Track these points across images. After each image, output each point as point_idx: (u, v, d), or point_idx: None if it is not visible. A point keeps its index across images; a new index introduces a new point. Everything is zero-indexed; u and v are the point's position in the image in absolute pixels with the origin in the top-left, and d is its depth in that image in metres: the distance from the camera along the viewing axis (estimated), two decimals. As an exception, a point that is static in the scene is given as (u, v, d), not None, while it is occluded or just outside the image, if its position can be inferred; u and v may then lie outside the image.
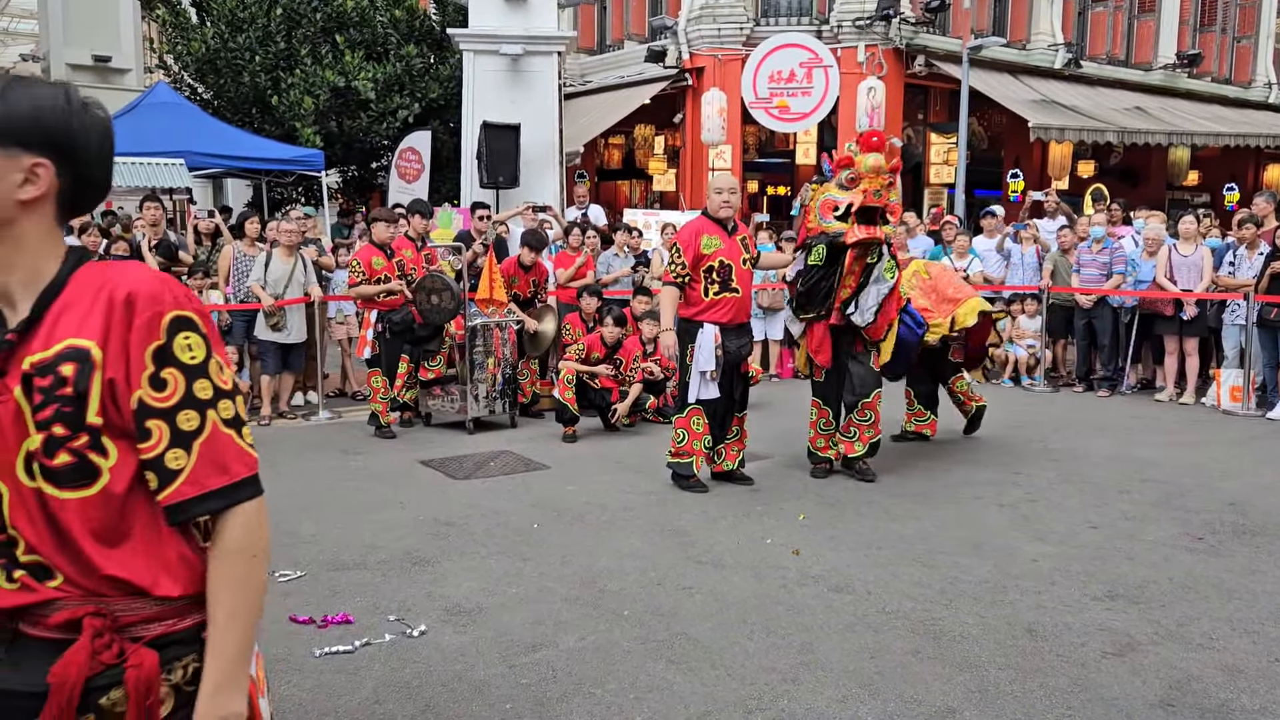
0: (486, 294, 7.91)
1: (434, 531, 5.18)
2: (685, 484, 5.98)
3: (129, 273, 1.38)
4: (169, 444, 1.34)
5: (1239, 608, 4.14)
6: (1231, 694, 3.37)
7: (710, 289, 5.85)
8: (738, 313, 5.92)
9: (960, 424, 7.54)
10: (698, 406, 5.89)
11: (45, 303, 1.36)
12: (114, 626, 1.34)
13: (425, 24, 15.94)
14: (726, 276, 5.84)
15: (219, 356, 1.41)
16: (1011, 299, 10.47)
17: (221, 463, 1.37)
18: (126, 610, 1.35)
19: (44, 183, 1.36)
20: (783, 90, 15.86)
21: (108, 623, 1.33)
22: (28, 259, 1.37)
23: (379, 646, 3.74)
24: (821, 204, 5.87)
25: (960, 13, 16.32)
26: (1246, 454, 7.10)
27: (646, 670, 3.54)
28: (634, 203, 19.07)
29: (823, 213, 5.84)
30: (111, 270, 1.39)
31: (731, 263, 5.84)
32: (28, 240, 1.37)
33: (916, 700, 3.31)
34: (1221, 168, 20.26)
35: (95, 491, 1.34)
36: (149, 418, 1.34)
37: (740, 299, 5.91)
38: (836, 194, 5.82)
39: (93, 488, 1.34)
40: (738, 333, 5.95)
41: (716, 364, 5.80)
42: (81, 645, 1.30)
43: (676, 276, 5.90)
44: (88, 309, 1.35)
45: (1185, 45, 19.94)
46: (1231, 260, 9.07)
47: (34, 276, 1.37)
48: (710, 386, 5.84)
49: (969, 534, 5.13)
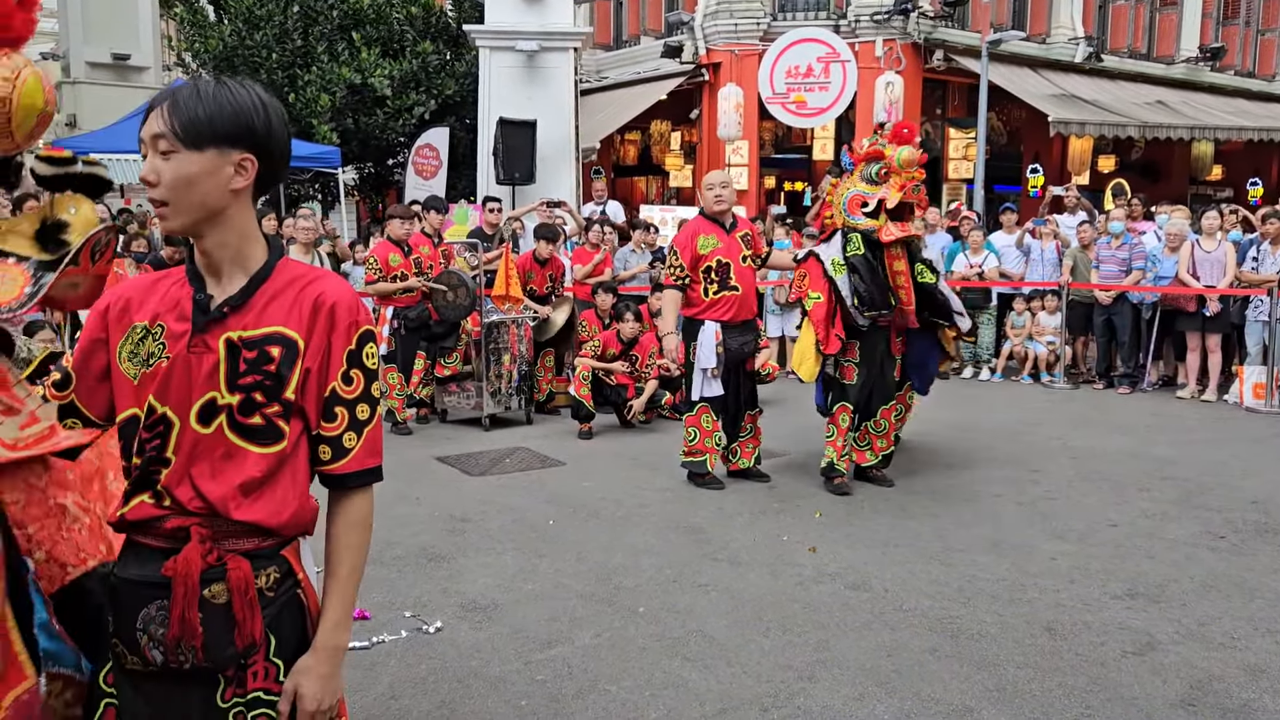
0: (503, 290, 7.92)
1: (450, 528, 5.19)
2: (700, 481, 5.96)
3: (329, 282, 1.69)
4: (347, 428, 1.68)
5: (1261, 607, 4.09)
6: (1254, 694, 3.33)
7: (709, 288, 5.81)
8: (739, 310, 5.85)
9: (973, 421, 7.49)
10: (705, 404, 5.86)
11: (254, 286, 1.64)
12: (213, 539, 1.62)
13: (441, 21, 15.95)
14: (725, 275, 5.79)
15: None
16: (1031, 295, 10.39)
17: (376, 449, 1.74)
18: (227, 530, 1.63)
19: (250, 174, 1.61)
20: (800, 85, 15.78)
21: (210, 534, 1.61)
22: (234, 239, 1.64)
23: (395, 642, 3.75)
24: (849, 200, 5.63)
25: (979, 6, 16.20)
26: (1269, 452, 7.02)
27: (662, 667, 3.53)
28: (650, 199, 19.05)
29: (850, 209, 5.62)
30: (312, 274, 1.69)
31: (730, 261, 5.79)
32: (235, 223, 1.63)
33: (934, 699, 3.29)
34: (1245, 162, 20.04)
35: (274, 450, 1.64)
36: (336, 405, 1.67)
37: (741, 296, 5.84)
38: (864, 189, 5.58)
39: (274, 447, 1.64)
40: (740, 330, 5.88)
41: (718, 361, 5.77)
42: (193, 546, 1.59)
43: (676, 279, 5.87)
44: (292, 303, 1.64)
45: (1208, 38, 19.73)
46: (1255, 255, 8.97)
47: (239, 255, 1.64)
48: (713, 384, 5.81)
49: (987, 532, 5.09)
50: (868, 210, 5.57)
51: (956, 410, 8.52)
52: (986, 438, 7.41)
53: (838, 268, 5.64)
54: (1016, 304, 10.41)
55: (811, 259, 5.78)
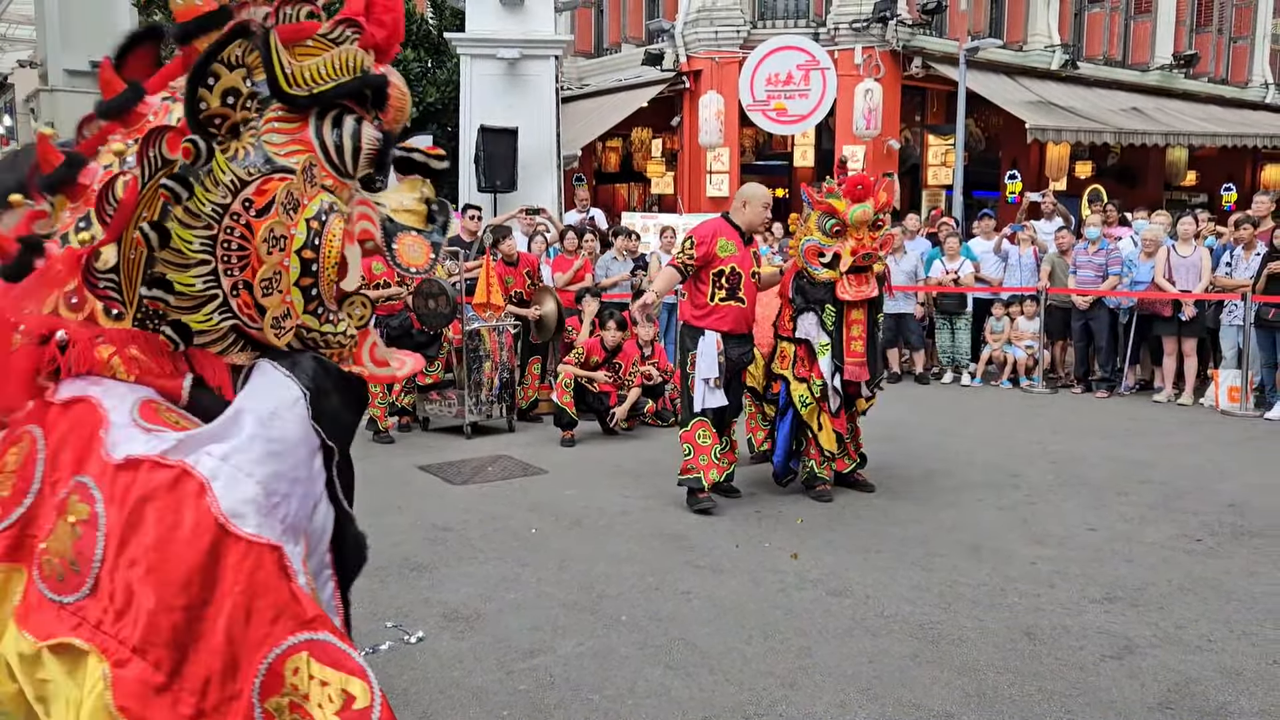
0: (484, 298, 7.91)
1: (431, 537, 5.18)
2: (695, 501, 5.67)
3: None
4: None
5: (1237, 609, 4.13)
6: (1230, 696, 3.36)
7: (717, 294, 5.62)
8: (739, 323, 5.70)
9: (953, 426, 7.54)
10: (703, 419, 5.66)
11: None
12: None
13: (422, 28, 15.94)
14: (735, 285, 5.62)
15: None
16: (1009, 300, 10.48)
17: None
18: None
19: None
20: (780, 93, 15.87)
21: None
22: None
23: (376, 653, 3.73)
24: (807, 249, 5.66)
25: (957, 14, 16.33)
26: (1245, 455, 7.10)
27: (644, 676, 3.54)
28: (632, 206, 19.08)
29: (808, 258, 5.64)
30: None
31: (742, 272, 5.64)
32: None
33: (915, 705, 3.31)
34: (1219, 168, 20.28)
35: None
36: None
37: (744, 310, 5.70)
38: (821, 240, 5.62)
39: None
40: (739, 341, 5.75)
41: (720, 371, 5.62)
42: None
43: (682, 262, 5.66)
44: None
45: (1182, 46, 19.96)
46: (1229, 261, 9.08)
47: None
48: (715, 394, 5.63)
49: (967, 536, 5.13)
50: (825, 261, 5.60)
51: (937, 415, 8.58)
52: (967, 443, 7.46)
53: (822, 349, 5.69)
54: (995, 309, 10.50)
55: (802, 345, 5.78)
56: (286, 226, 1.81)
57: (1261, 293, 8.54)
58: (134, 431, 1.71)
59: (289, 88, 1.79)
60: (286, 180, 1.81)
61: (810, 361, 5.78)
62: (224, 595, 1.62)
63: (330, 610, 1.83)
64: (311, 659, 1.65)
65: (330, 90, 1.83)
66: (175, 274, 1.76)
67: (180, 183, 1.70)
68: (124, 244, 1.73)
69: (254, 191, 1.78)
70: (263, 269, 1.80)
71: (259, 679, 1.62)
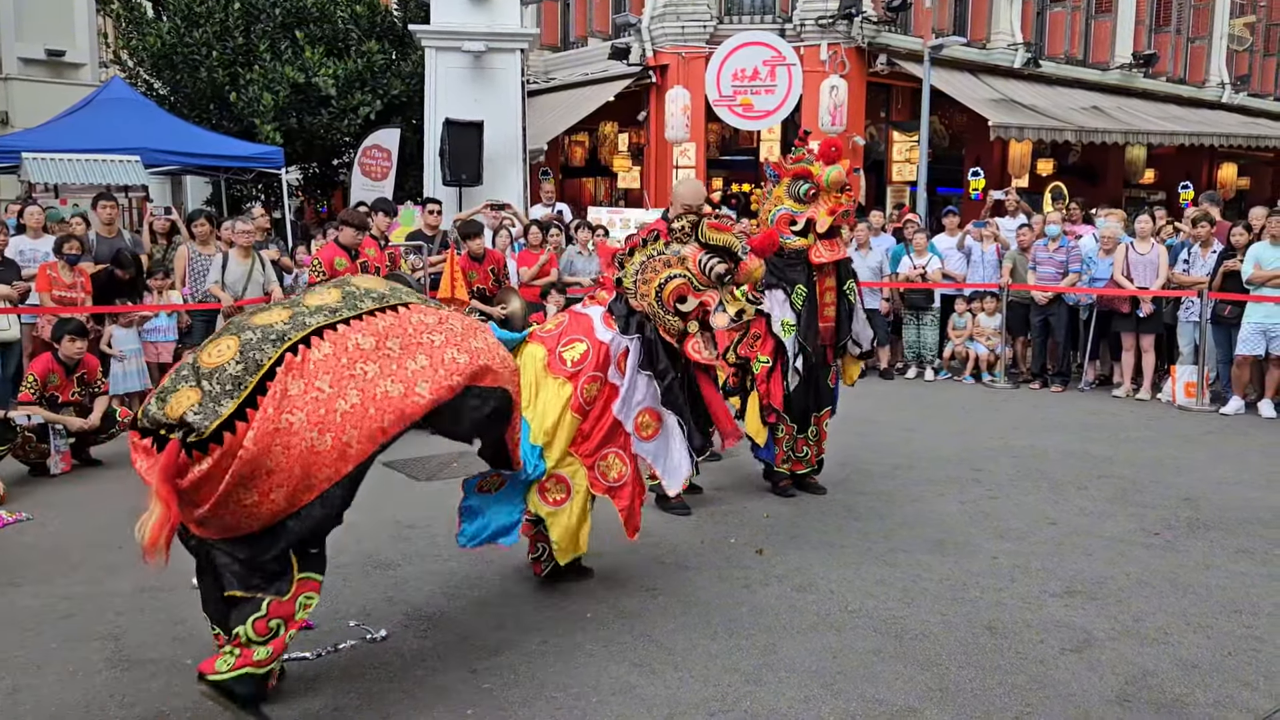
0: (448, 293, 7.85)
1: (395, 534, 5.13)
2: (665, 505, 5.56)
3: None
4: None
5: (1193, 602, 4.21)
6: (1186, 689, 3.42)
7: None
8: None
9: (917, 421, 7.58)
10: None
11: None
12: None
13: (387, 20, 15.79)
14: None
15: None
16: (971, 296, 10.58)
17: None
18: None
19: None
20: (746, 88, 15.91)
21: None
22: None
23: (339, 652, 3.70)
24: (778, 218, 5.57)
25: (921, 12, 16.45)
26: (1201, 449, 7.22)
27: (609, 673, 3.53)
28: (599, 200, 19.05)
29: (780, 228, 5.53)
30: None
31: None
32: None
33: (878, 700, 3.33)
34: (1177, 166, 20.62)
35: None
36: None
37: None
38: (793, 206, 5.54)
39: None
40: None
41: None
42: None
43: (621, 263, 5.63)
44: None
45: (1141, 45, 20.26)
46: (1186, 258, 9.22)
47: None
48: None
49: (931, 531, 5.17)
50: (797, 229, 5.54)
51: (900, 411, 8.65)
52: (930, 438, 7.52)
53: (787, 328, 5.57)
54: (958, 305, 10.59)
55: (760, 319, 5.57)
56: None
57: (1218, 290, 8.68)
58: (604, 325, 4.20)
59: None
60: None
61: (756, 342, 5.68)
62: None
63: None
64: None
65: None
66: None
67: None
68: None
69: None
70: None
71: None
